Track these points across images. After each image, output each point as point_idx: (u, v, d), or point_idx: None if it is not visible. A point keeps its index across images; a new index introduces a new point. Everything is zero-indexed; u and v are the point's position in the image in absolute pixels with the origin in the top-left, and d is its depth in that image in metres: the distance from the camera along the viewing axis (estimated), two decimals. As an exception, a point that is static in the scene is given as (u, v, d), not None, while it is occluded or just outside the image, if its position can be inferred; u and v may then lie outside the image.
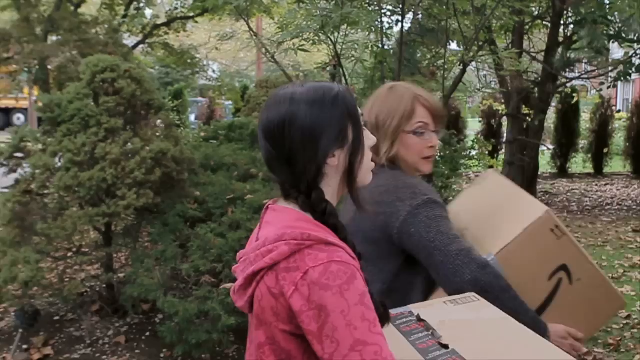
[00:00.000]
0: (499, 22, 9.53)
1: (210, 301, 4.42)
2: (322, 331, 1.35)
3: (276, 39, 5.73)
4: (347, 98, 1.53)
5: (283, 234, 1.43)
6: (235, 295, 1.53)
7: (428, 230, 2.10)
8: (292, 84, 1.59)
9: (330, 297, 1.35)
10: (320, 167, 1.50)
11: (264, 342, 1.47)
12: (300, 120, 1.46)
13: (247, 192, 5.16)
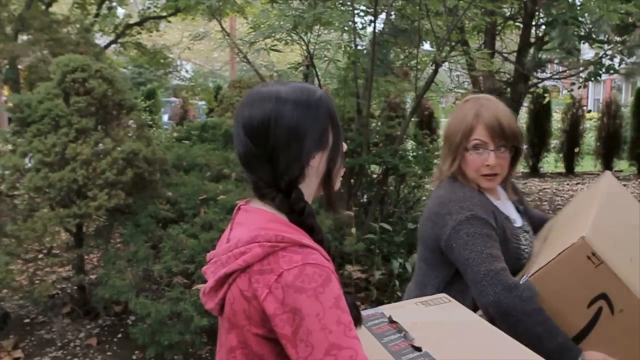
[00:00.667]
0: (471, 22, 9.60)
1: (183, 302, 4.40)
2: (297, 335, 1.33)
3: (248, 39, 5.72)
4: (328, 101, 1.54)
5: (256, 235, 1.41)
6: (206, 296, 1.51)
7: (465, 247, 2.15)
8: (273, 82, 1.57)
9: (305, 300, 1.33)
10: (303, 167, 1.49)
11: (236, 346, 1.44)
12: (287, 119, 1.46)
13: (219, 192, 5.14)
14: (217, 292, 1.46)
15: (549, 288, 2.05)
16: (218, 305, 1.47)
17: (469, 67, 10.35)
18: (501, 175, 2.33)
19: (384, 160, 5.90)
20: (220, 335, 1.52)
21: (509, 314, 2.01)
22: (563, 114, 17.55)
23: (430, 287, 2.30)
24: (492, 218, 2.24)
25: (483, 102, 2.31)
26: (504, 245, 2.24)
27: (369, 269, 5.97)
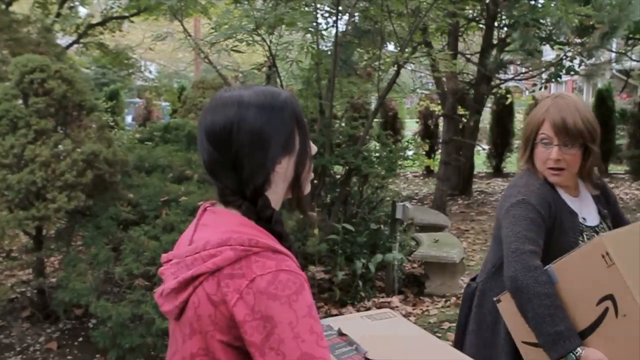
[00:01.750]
0: (434, 24, 9.67)
1: (144, 304, 4.37)
2: (266, 343, 1.28)
3: (209, 39, 5.69)
4: (294, 103, 1.50)
5: (228, 238, 1.36)
6: (163, 298, 1.45)
7: (508, 226, 2.32)
8: (237, 87, 1.53)
9: (278, 307, 1.29)
10: (269, 173, 1.44)
11: (196, 353, 1.39)
12: (250, 124, 1.41)
13: (181, 194, 5.11)
14: (179, 295, 1.40)
15: (566, 278, 2.16)
16: (178, 309, 1.41)
17: (433, 68, 10.45)
18: (569, 171, 2.43)
19: (347, 161, 5.91)
20: (176, 341, 1.46)
21: (522, 291, 2.16)
22: (525, 115, 17.73)
23: (490, 264, 2.57)
24: (546, 207, 2.37)
25: (557, 100, 2.42)
26: (558, 236, 2.37)
27: (332, 269, 5.99)
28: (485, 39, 11.75)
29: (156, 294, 1.49)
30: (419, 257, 6.56)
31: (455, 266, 6.43)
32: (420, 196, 13.40)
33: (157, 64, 32.86)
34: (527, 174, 2.49)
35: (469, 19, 12.63)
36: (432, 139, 16.72)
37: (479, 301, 2.52)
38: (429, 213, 9.23)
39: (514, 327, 2.27)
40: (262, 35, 5.64)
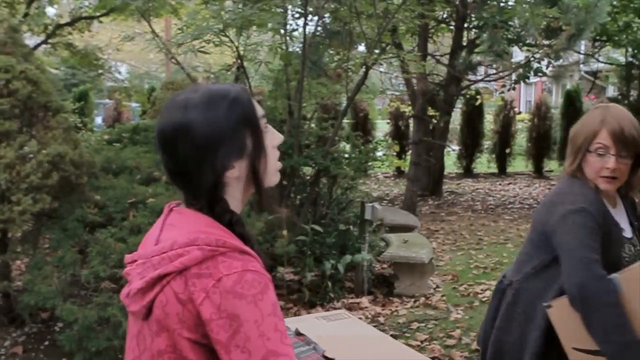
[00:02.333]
0: (404, 25, 9.72)
1: (111, 307, 4.33)
2: (232, 341, 1.30)
3: (176, 40, 5.66)
4: (243, 101, 1.45)
5: (196, 238, 1.36)
6: (129, 299, 1.45)
7: (568, 233, 2.33)
8: (187, 89, 1.49)
9: (244, 306, 1.31)
10: (219, 180, 1.43)
11: (164, 350, 1.39)
12: (195, 131, 1.39)
13: (149, 195, 5.08)
14: (146, 294, 1.40)
15: (631, 288, 2.18)
16: (145, 308, 1.41)
17: (403, 69, 10.50)
18: (620, 180, 2.45)
19: (316, 162, 5.91)
20: (145, 340, 1.45)
21: (590, 300, 2.18)
22: (495, 116, 17.90)
23: (528, 266, 2.53)
24: (601, 217, 2.39)
25: (611, 110, 2.44)
26: (606, 247, 2.37)
27: (301, 270, 5.99)
28: (455, 40, 11.84)
29: (122, 295, 1.49)
30: (388, 258, 6.59)
31: (424, 266, 6.46)
32: (391, 197, 13.45)
33: (128, 64, 32.65)
34: (578, 182, 2.50)
35: (439, 21, 12.72)
36: (402, 139, 16.80)
37: (513, 299, 2.54)
38: (398, 214, 9.27)
39: (566, 333, 2.28)
40: (230, 36, 5.62)
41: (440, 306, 6.12)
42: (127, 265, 1.49)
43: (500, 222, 10.67)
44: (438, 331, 5.47)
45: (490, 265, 7.67)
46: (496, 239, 9.31)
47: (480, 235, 9.53)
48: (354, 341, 1.89)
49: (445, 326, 5.60)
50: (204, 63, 15.56)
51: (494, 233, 9.72)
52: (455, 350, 5.06)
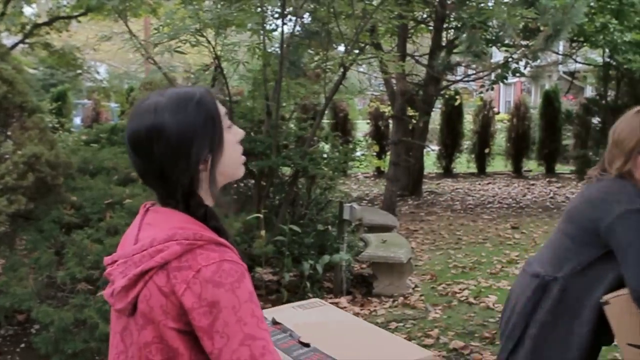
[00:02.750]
0: (383, 26, 9.75)
1: (87, 309, 4.30)
2: (213, 327, 1.38)
3: (152, 40, 5.64)
4: (208, 101, 1.53)
5: (174, 234, 1.43)
6: (114, 298, 1.50)
7: (631, 232, 2.36)
8: (152, 93, 1.56)
9: (223, 294, 1.38)
10: (194, 176, 1.50)
11: (151, 342, 1.46)
12: (167, 132, 1.46)
13: (126, 196, 5.05)
14: (130, 291, 1.46)
15: None
16: (130, 305, 1.47)
17: (382, 69, 10.52)
18: None
19: (294, 162, 5.91)
20: (131, 335, 1.51)
21: None
22: (474, 116, 18.00)
23: (572, 262, 2.53)
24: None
25: None
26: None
27: (279, 271, 5.98)
28: (434, 40, 11.88)
29: (106, 295, 1.54)
30: (367, 258, 6.59)
31: (402, 266, 6.48)
32: (370, 197, 13.48)
33: (108, 64, 32.46)
34: (625, 182, 2.53)
35: (418, 21, 12.76)
36: (382, 140, 16.85)
37: (560, 296, 2.55)
38: (377, 214, 9.28)
39: (622, 329, 2.33)
40: (207, 36, 5.60)
41: (418, 306, 6.14)
42: (107, 267, 1.56)
43: (479, 222, 10.73)
44: (416, 331, 5.49)
45: (469, 265, 7.70)
46: (475, 238, 9.35)
47: (459, 235, 9.58)
48: (329, 326, 1.96)
49: (423, 325, 5.61)
50: (184, 63, 15.50)
51: (473, 233, 9.77)
52: (433, 349, 5.08)
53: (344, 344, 1.81)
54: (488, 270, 7.47)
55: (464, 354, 5.02)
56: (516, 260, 7.93)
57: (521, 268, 2.81)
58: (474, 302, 6.27)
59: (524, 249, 8.60)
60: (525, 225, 10.32)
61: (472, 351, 5.06)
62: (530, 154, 18.20)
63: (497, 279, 7.07)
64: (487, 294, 6.49)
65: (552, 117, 17.33)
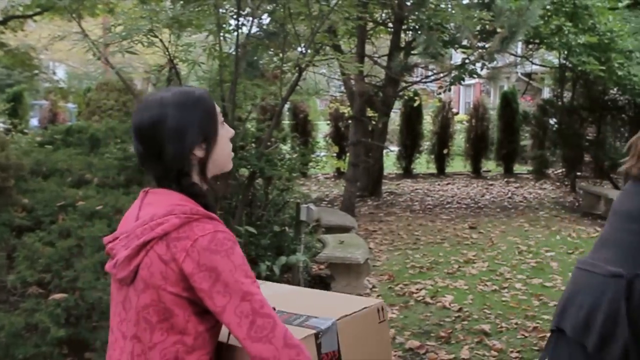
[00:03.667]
0: (343, 27, 9.76)
1: (39, 313, 4.23)
2: (213, 288, 1.60)
3: (103, 40, 5.58)
4: (206, 100, 1.80)
5: (173, 209, 1.67)
6: (117, 268, 1.72)
7: None
8: (161, 89, 1.86)
9: (219, 259, 1.61)
10: (186, 159, 1.75)
11: (149, 304, 1.67)
12: (169, 121, 1.71)
13: (79, 198, 4.98)
14: (132, 260, 1.68)
15: None
16: (132, 273, 1.68)
17: (341, 70, 10.55)
18: None
19: (250, 164, 5.89)
20: (130, 301, 1.72)
21: None
22: (433, 117, 18.14)
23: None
24: None
25: None
26: None
27: (236, 272, 5.94)
28: (393, 42, 11.94)
29: (108, 267, 1.77)
30: (324, 259, 6.60)
31: (360, 267, 6.50)
32: (330, 198, 13.50)
33: (67, 65, 32.04)
34: None
35: (377, 23, 12.82)
36: (342, 140, 16.90)
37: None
38: (335, 214, 9.30)
39: None
40: (159, 36, 5.56)
41: (375, 306, 6.15)
42: (108, 244, 1.79)
43: (437, 222, 10.81)
44: (372, 331, 5.50)
45: (427, 265, 7.76)
46: (433, 238, 9.42)
47: (418, 235, 9.64)
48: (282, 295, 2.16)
49: (380, 326, 5.63)
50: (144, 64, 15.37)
51: (431, 233, 9.84)
52: (389, 349, 5.10)
53: (299, 304, 1.99)
54: (445, 270, 7.54)
55: (420, 353, 5.05)
56: (473, 260, 8.02)
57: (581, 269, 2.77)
58: (431, 302, 6.32)
59: (481, 248, 8.69)
60: (483, 225, 10.43)
61: (428, 351, 5.10)
62: (489, 154, 18.41)
63: (454, 279, 7.13)
64: (444, 294, 6.55)
65: (510, 118, 17.55)
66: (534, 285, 6.89)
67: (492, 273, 7.40)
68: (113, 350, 1.81)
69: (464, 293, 6.61)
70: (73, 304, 4.22)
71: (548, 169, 16.79)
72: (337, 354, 1.89)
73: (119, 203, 5.04)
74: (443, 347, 5.18)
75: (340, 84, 15.92)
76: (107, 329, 4.27)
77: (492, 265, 7.74)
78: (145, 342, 1.69)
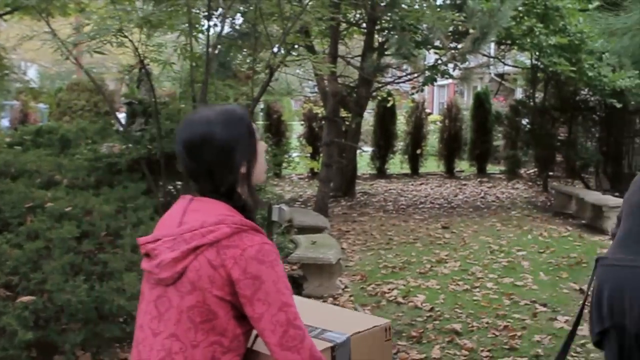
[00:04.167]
0: (317, 27, 9.78)
1: (6, 316, 4.17)
2: (255, 296, 1.74)
3: (71, 40, 5.53)
4: (246, 117, 1.95)
5: (224, 218, 1.80)
6: (159, 268, 1.82)
7: None
8: (201, 108, 2.01)
9: (264, 269, 1.76)
10: (236, 176, 1.88)
11: (195, 305, 1.79)
12: (217, 140, 1.84)
13: (47, 199, 4.93)
14: (179, 263, 1.80)
15: None
16: (177, 274, 1.80)
17: (315, 71, 10.54)
18: None
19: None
20: (169, 301, 1.83)
21: None
22: (407, 117, 18.19)
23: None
24: None
25: None
26: None
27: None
28: (366, 42, 11.96)
29: (148, 266, 1.88)
30: (297, 259, 6.60)
31: (332, 267, 6.51)
32: (304, 198, 13.49)
33: (39, 65, 31.71)
34: None
35: (350, 23, 12.84)
36: (316, 141, 16.89)
37: None
38: (308, 215, 9.30)
39: None
40: (129, 36, 5.52)
41: (347, 306, 6.17)
42: (147, 244, 1.89)
43: (410, 222, 10.85)
44: (344, 331, 5.51)
45: (399, 265, 7.78)
46: (406, 238, 9.45)
47: (391, 235, 9.67)
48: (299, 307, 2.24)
49: (351, 326, 5.63)
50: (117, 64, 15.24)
51: (404, 233, 9.87)
52: (361, 349, 5.10)
53: (320, 319, 2.10)
54: (417, 270, 7.56)
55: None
56: (445, 259, 8.06)
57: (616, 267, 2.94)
58: (403, 302, 6.34)
59: (453, 248, 8.74)
60: (455, 225, 10.49)
61: (399, 350, 5.11)
62: (463, 154, 18.51)
63: (426, 279, 7.16)
64: (416, 294, 6.57)
65: (483, 119, 17.66)
66: (505, 285, 6.94)
67: (464, 272, 7.44)
68: (143, 346, 1.88)
69: (435, 293, 6.64)
70: (41, 307, 4.17)
71: (520, 168, 16.93)
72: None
73: (88, 204, 4.99)
74: (414, 346, 5.21)
75: (314, 84, 15.93)
76: (76, 332, 4.25)
77: (464, 265, 7.79)
78: (188, 340, 1.80)
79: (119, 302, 4.37)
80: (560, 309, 6.13)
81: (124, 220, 4.97)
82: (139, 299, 1.99)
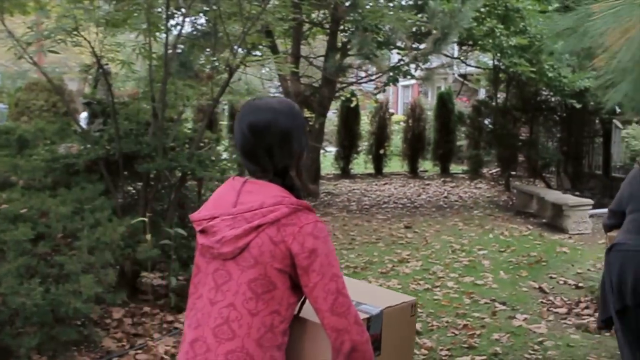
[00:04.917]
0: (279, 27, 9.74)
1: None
2: (310, 267, 1.95)
3: (25, 39, 5.44)
4: (300, 112, 2.17)
5: (281, 199, 1.99)
6: (220, 243, 2.01)
7: None
8: (264, 98, 2.19)
9: (319, 243, 1.97)
10: (291, 159, 2.10)
11: (257, 277, 1.98)
12: (281, 126, 2.05)
13: (2, 201, 4.86)
14: (241, 239, 1.98)
15: None
16: (239, 249, 1.98)
17: (277, 71, 10.52)
18: None
19: (180, 165, 5.82)
20: (228, 273, 2.01)
21: None
22: (371, 117, 18.24)
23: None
24: None
25: None
26: None
27: (167, 275, 5.88)
28: (329, 43, 11.98)
29: (207, 242, 2.05)
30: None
31: (293, 267, 6.47)
32: (268, 198, 13.43)
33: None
34: None
35: (314, 23, 12.84)
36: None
37: None
38: (272, 215, 9.25)
39: None
40: (86, 36, 5.45)
41: (309, 306, 6.15)
42: (203, 221, 2.08)
43: (373, 222, 10.88)
44: (305, 331, 5.50)
45: (361, 265, 7.80)
46: (368, 238, 9.48)
47: (353, 235, 9.69)
48: None
49: (312, 326, 5.62)
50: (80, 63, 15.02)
51: (367, 233, 9.90)
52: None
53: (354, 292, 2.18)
54: (379, 269, 7.59)
55: (351, 353, 5.06)
56: (407, 259, 8.10)
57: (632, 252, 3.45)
58: (364, 302, 6.33)
59: (415, 248, 8.78)
60: (418, 225, 10.55)
61: (359, 350, 5.10)
62: (426, 154, 18.62)
63: (388, 278, 7.19)
64: (377, 293, 6.57)
65: (446, 119, 17.79)
66: (465, 284, 6.99)
67: (425, 272, 7.48)
68: (202, 314, 2.05)
69: (396, 291, 6.64)
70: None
71: (483, 168, 17.09)
72: (379, 337, 2.28)
73: (44, 205, 4.93)
74: (374, 346, 5.20)
75: (278, 84, 15.91)
76: (31, 335, 4.20)
77: (426, 264, 7.83)
78: (246, 309, 1.97)
79: (75, 305, 4.32)
80: (519, 307, 6.20)
81: (81, 222, 4.91)
82: (192, 272, 2.17)
